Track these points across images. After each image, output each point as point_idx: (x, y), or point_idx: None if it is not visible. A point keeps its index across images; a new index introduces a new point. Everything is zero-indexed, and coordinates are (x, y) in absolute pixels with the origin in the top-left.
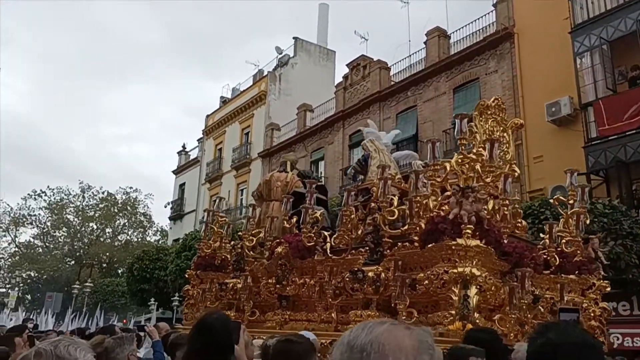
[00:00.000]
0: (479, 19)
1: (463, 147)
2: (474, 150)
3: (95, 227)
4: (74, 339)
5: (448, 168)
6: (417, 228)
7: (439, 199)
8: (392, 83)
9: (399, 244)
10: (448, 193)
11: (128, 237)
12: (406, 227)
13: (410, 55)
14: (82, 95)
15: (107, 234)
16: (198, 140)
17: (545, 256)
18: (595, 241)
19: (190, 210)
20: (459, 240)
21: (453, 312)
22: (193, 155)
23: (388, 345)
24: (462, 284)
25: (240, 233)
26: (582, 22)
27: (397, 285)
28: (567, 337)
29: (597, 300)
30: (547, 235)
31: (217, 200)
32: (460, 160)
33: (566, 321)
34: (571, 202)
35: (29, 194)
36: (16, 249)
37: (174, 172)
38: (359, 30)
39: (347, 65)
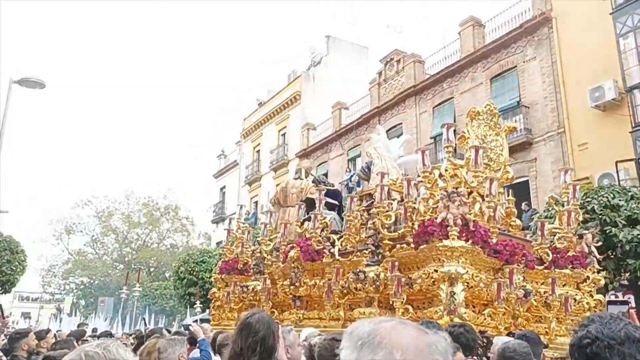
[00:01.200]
0: (514, 5)
1: (450, 154)
2: (467, 155)
3: (141, 232)
4: (118, 341)
5: (437, 174)
6: (412, 231)
7: (431, 203)
8: (427, 76)
9: (397, 245)
10: (437, 198)
11: (173, 241)
12: (402, 230)
13: (444, 47)
14: (116, 103)
15: (153, 239)
16: (236, 143)
17: (539, 252)
18: (588, 236)
19: (232, 212)
20: (445, 242)
21: (442, 307)
22: (232, 158)
23: (385, 339)
24: (449, 282)
25: (259, 238)
26: (623, 1)
27: (394, 284)
28: (609, 330)
29: (592, 292)
30: (540, 233)
31: (239, 208)
32: (449, 167)
33: (612, 314)
34: (565, 200)
35: (76, 203)
36: (69, 256)
37: (214, 175)
38: (392, 25)
39: (380, 60)
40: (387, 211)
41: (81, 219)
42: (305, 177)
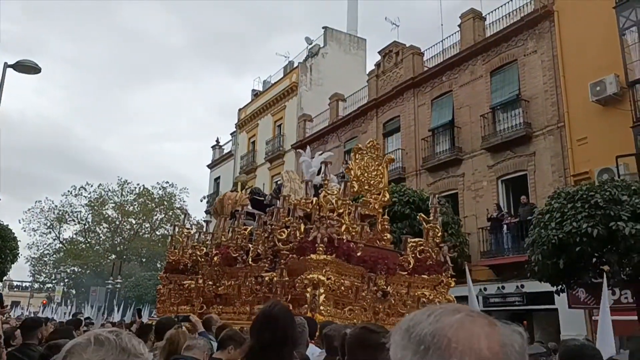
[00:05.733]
0: None
1: (326, 186)
2: (349, 184)
3: (134, 222)
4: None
5: (314, 201)
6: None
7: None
8: (426, 68)
9: (290, 255)
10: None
11: (165, 232)
12: (292, 244)
13: (443, 40)
14: (112, 97)
15: (145, 229)
16: (231, 134)
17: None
18: (445, 248)
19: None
20: (313, 255)
21: (306, 305)
22: (227, 149)
23: (455, 343)
24: (313, 286)
25: (194, 244)
26: None
27: (280, 286)
28: None
29: (444, 293)
30: (403, 247)
31: (183, 216)
32: (324, 196)
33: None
34: (431, 217)
35: (69, 190)
36: (60, 245)
37: (208, 166)
38: (389, 16)
39: (379, 52)
40: (281, 228)
41: (74, 207)
42: (241, 190)
